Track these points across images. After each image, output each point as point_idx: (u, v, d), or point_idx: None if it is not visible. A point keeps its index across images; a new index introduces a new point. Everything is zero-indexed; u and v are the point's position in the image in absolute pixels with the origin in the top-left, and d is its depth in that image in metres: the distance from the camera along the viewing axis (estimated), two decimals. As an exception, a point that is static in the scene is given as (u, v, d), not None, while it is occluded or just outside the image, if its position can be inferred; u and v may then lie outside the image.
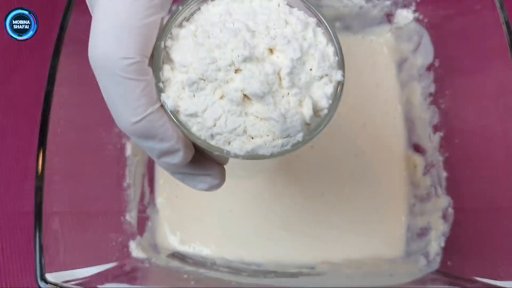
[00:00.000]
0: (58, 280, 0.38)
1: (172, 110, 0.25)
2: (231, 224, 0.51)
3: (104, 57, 0.23)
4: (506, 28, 0.44)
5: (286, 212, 0.51)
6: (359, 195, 0.52)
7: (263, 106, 0.25)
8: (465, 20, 0.49)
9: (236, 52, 0.24)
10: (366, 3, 0.56)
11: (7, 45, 0.58)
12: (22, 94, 0.56)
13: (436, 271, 0.45)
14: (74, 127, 0.45)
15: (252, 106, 0.25)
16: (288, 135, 0.25)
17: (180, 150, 0.25)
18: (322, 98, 0.26)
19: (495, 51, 0.45)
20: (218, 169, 0.29)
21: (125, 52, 0.23)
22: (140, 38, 0.23)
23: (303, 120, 0.25)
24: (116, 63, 0.23)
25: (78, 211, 0.44)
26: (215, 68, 0.24)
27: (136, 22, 0.23)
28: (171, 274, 0.46)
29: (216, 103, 0.25)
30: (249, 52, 0.24)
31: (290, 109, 0.25)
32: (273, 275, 0.48)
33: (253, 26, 0.25)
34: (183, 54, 0.25)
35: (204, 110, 0.25)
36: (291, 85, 0.25)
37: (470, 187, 0.46)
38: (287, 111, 0.24)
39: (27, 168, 0.53)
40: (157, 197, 0.52)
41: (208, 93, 0.25)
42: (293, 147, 0.25)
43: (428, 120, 0.52)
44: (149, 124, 0.24)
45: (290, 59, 0.25)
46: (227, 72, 0.24)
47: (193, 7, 0.27)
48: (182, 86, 0.25)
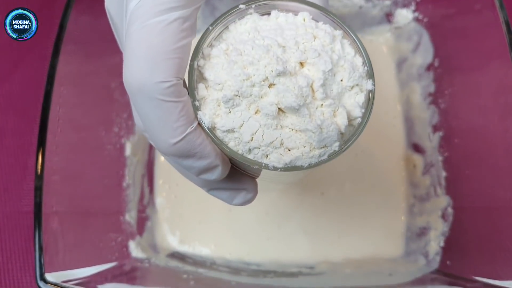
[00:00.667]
0: (57, 280, 0.38)
1: (209, 127, 0.25)
2: (230, 224, 0.51)
3: (141, 82, 0.24)
4: (505, 27, 0.44)
5: (286, 211, 0.51)
6: (358, 195, 0.52)
7: (298, 118, 0.25)
8: (465, 20, 0.49)
9: (270, 67, 0.25)
10: (366, 3, 0.56)
11: (7, 45, 0.58)
12: (22, 93, 0.56)
13: (435, 271, 0.45)
14: (73, 126, 0.45)
15: (287, 119, 0.25)
16: (325, 145, 0.26)
17: (219, 166, 0.26)
18: (355, 108, 0.26)
19: (494, 50, 0.45)
20: (252, 183, 0.30)
21: (162, 76, 0.23)
22: (175, 61, 0.24)
23: (339, 130, 0.26)
24: (154, 87, 0.23)
25: (77, 211, 0.44)
26: (250, 84, 0.25)
27: (169, 46, 0.24)
28: (170, 274, 0.46)
29: (252, 118, 0.25)
30: (282, 66, 0.25)
31: (325, 120, 0.25)
32: (272, 275, 0.48)
33: (283, 42, 0.26)
34: (217, 72, 0.26)
35: (241, 125, 0.25)
36: (325, 96, 0.25)
37: (469, 187, 0.46)
38: (322, 122, 0.25)
39: (27, 168, 0.53)
40: (156, 197, 0.52)
41: (244, 109, 0.25)
42: (330, 156, 0.26)
43: (427, 119, 0.52)
44: (188, 143, 0.25)
45: (322, 72, 0.25)
46: (261, 88, 0.25)
47: (221, 27, 0.27)
48: (217, 103, 0.26)
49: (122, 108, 0.51)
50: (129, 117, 0.51)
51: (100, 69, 0.49)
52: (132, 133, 0.51)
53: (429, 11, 0.53)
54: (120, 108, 0.51)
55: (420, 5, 0.54)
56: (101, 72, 0.50)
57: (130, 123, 0.51)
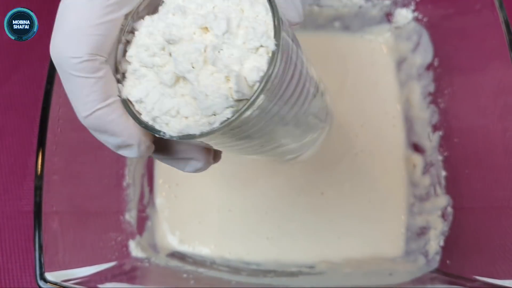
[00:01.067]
0: (57, 280, 0.38)
1: (124, 99, 0.26)
2: (230, 223, 0.51)
3: (57, 56, 0.25)
4: (505, 27, 0.44)
5: (286, 211, 0.51)
6: (358, 195, 0.52)
7: (189, 85, 0.25)
8: (465, 20, 0.49)
9: (165, 36, 0.25)
10: (366, 3, 0.56)
11: (7, 45, 0.58)
12: (22, 94, 0.56)
13: (435, 270, 0.45)
14: (73, 126, 0.44)
15: (186, 87, 0.25)
16: (214, 112, 0.24)
17: (133, 145, 0.26)
18: (252, 72, 0.24)
19: (494, 50, 0.45)
20: (200, 153, 0.30)
21: (73, 52, 0.24)
22: (93, 38, 0.24)
23: (227, 96, 0.24)
24: (66, 61, 0.25)
25: (77, 211, 0.44)
26: (151, 54, 0.25)
27: (89, 22, 0.24)
28: (170, 273, 0.46)
29: (155, 88, 0.25)
30: (172, 35, 0.24)
31: (209, 86, 0.24)
32: (272, 275, 0.48)
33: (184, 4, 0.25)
34: (132, 46, 0.26)
35: (146, 95, 0.25)
36: (216, 61, 0.24)
37: (469, 186, 0.46)
38: (207, 88, 0.24)
39: (27, 168, 0.53)
40: (156, 197, 0.53)
41: (150, 79, 0.26)
42: (222, 124, 0.24)
43: (427, 119, 0.52)
44: (98, 119, 0.25)
45: (215, 35, 0.24)
46: (162, 57, 0.25)
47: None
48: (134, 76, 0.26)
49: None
50: (129, 116, 0.51)
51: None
52: (132, 133, 0.52)
53: (429, 11, 0.54)
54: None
55: (419, 4, 0.54)
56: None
57: (130, 123, 0.52)
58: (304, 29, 0.58)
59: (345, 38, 0.58)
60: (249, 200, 0.51)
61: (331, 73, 0.56)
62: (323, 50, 0.58)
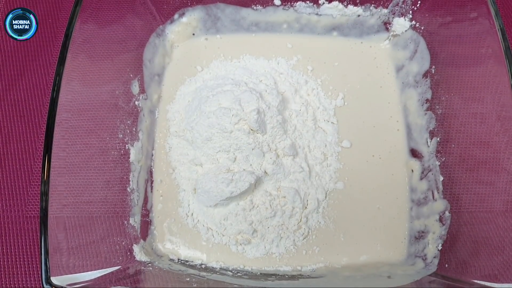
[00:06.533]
0: (63, 283, 0.38)
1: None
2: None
3: None
4: (501, 35, 0.45)
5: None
6: (362, 199, 0.52)
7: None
8: (461, 27, 0.50)
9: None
10: (364, 12, 0.57)
11: (7, 45, 0.59)
12: (27, 100, 0.56)
13: (434, 273, 0.46)
14: (78, 133, 0.45)
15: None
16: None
17: None
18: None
19: (490, 57, 0.46)
20: None
21: None
22: None
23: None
24: None
25: (82, 215, 0.44)
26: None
27: None
28: (173, 277, 0.46)
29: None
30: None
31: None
32: (274, 278, 0.48)
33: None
34: None
35: None
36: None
37: (466, 191, 0.47)
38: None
39: (32, 173, 0.54)
40: (157, 204, 0.53)
41: None
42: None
43: (424, 125, 0.53)
44: None
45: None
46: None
47: None
48: None
49: (126, 115, 0.51)
50: (133, 123, 0.52)
51: (105, 76, 0.50)
52: (136, 139, 0.52)
53: (426, 19, 0.54)
54: (124, 114, 0.51)
55: (417, 13, 0.55)
56: (105, 79, 0.50)
57: (134, 130, 0.52)
58: (303, 36, 0.60)
59: (346, 42, 0.59)
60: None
61: (337, 76, 0.58)
62: (324, 54, 0.59)
